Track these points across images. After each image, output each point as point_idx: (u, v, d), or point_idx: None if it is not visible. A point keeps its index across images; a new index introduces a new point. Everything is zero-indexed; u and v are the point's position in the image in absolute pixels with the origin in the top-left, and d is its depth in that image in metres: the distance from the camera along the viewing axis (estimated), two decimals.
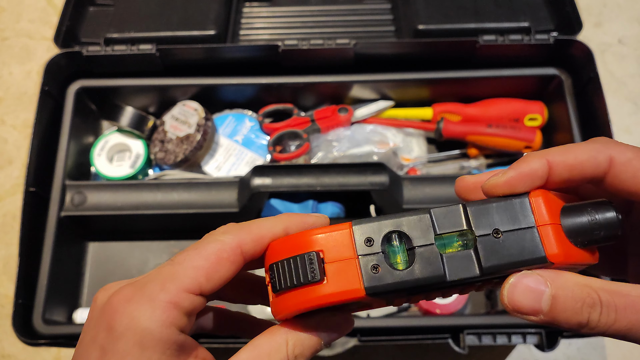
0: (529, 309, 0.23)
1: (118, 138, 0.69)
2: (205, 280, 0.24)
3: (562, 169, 0.25)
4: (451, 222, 0.24)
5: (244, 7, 0.75)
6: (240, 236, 0.25)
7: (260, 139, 0.71)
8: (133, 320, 0.23)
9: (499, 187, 0.25)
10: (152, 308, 0.23)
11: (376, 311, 0.62)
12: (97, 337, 0.23)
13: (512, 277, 0.23)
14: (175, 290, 0.23)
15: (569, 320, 0.23)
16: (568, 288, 0.23)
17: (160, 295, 0.23)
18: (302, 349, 0.25)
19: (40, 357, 0.68)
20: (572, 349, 0.67)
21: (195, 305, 0.24)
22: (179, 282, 0.24)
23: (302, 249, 0.24)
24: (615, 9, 0.89)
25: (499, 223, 0.24)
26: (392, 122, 0.70)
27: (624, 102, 0.82)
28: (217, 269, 0.24)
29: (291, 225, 0.26)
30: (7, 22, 0.88)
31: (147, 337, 0.23)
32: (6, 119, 0.81)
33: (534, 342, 0.55)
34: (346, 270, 0.23)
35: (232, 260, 0.25)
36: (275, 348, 0.24)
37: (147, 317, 0.23)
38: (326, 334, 0.26)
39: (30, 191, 0.59)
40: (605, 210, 0.24)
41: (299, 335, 0.25)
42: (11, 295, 0.56)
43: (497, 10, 0.68)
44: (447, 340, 0.55)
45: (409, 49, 0.66)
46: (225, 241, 0.25)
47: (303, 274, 0.23)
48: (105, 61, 0.66)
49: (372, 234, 0.24)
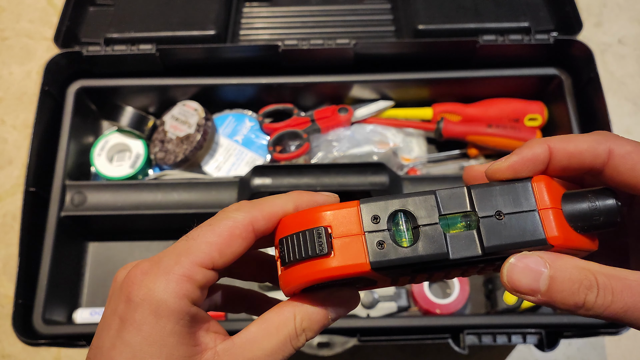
0: (527, 289, 0.24)
1: (118, 138, 0.69)
2: (218, 255, 0.25)
3: (562, 156, 0.25)
4: (455, 203, 0.25)
5: (244, 7, 0.75)
6: (253, 213, 0.26)
7: (260, 139, 0.71)
8: (149, 292, 0.24)
9: (502, 171, 0.25)
10: (167, 281, 0.24)
11: (376, 311, 0.62)
12: (117, 309, 0.25)
13: (512, 257, 0.24)
14: (189, 265, 0.25)
15: (566, 301, 0.23)
16: (566, 270, 0.23)
17: (175, 269, 0.24)
18: (310, 322, 0.26)
19: (40, 357, 0.68)
20: (572, 349, 0.67)
21: (208, 279, 0.25)
22: (193, 256, 0.25)
23: (311, 224, 0.25)
24: (615, 9, 0.89)
25: (501, 205, 0.24)
26: (392, 122, 0.70)
27: (624, 102, 0.82)
28: (229, 245, 0.25)
29: (301, 202, 0.27)
30: (7, 22, 0.88)
31: (162, 308, 0.24)
32: (6, 119, 0.81)
33: (534, 342, 0.55)
34: (353, 246, 0.24)
35: (244, 237, 0.26)
36: (284, 321, 0.25)
37: (162, 289, 0.24)
38: (333, 309, 0.26)
39: (30, 191, 0.59)
40: (605, 197, 0.25)
41: (307, 309, 0.26)
42: (11, 295, 0.56)
43: (497, 10, 0.68)
44: (447, 340, 0.55)
45: (409, 49, 0.66)
46: (238, 218, 0.26)
47: (311, 248, 0.24)
48: (105, 61, 0.66)
49: (379, 212, 0.25)
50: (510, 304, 0.60)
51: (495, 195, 0.25)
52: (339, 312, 0.27)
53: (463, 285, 0.62)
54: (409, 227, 0.25)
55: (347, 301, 0.27)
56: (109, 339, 0.24)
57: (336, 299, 0.27)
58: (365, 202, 0.25)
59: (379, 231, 0.24)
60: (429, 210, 0.25)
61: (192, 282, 0.25)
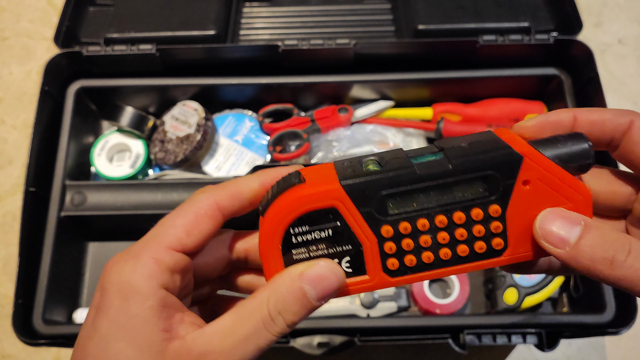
0: (557, 238, 0.24)
1: (118, 138, 0.69)
2: (185, 236, 0.26)
3: (585, 123, 0.26)
4: (425, 151, 0.27)
5: (244, 7, 0.75)
6: (217, 193, 0.27)
7: (260, 139, 0.71)
8: (118, 276, 0.25)
9: (526, 129, 0.27)
10: (134, 264, 0.25)
11: (376, 311, 0.62)
12: (94, 300, 0.25)
13: (548, 209, 0.25)
14: (157, 247, 0.25)
15: (594, 255, 0.23)
16: (601, 227, 0.24)
17: (143, 253, 0.25)
18: (285, 304, 0.25)
19: (40, 357, 0.68)
20: (572, 349, 0.67)
21: (177, 261, 0.26)
22: (161, 239, 0.26)
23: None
24: (615, 9, 0.89)
25: (467, 142, 0.26)
26: (392, 122, 0.70)
27: (624, 102, 0.82)
28: (196, 225, 0.26)
29: (266, 178, 0.28)
30: (7, 22, 0.88)
31: (129, 289, 0.24)
32: (6, 119, 0.81)
33: (534, 342, 0.55)
34: (324, 175, 0.26)
35: (210, 215, 0.26)
36: (257, 306, 0.25)
37: (129, 272, 0.25)
38: (311, 286, 0.25)
39: (30, 191, 0.59)
40: (577, 140, 0.26)
41: (280, 289, 0.25)
42: (11, 295, 0.56)
43: (497, 10, 0.68)
44: (447, 340, 0.55)
45: (409, 49, 0.66)
46: (201, 199, 0.27)
47: (285, 182, 0.26)
48: (105, 61, 0.66)
49: (351, 161, 0.27)
50: (510, 304, 0.60)
51: (460, 140, 0.26)
52: (319, 290, 0.25)
53: (463, 285, 0.62)
54: (379, 163, 0.26)
55: (325, 275, 0.25)
56: (86, 329, 0.25)
57: (313, 273, 0.25)
58: (339, 159, 0.27)
59: (350, 166, 0.26)
60: (397, 154, 0.27)
61: (160, 264, 0.25)
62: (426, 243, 0.26)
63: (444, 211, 0.26)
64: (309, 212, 0.25)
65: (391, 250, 0.26)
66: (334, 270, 0.26)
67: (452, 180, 0.25)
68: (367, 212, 0.25)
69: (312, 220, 0.26)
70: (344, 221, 0.26)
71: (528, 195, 0.26)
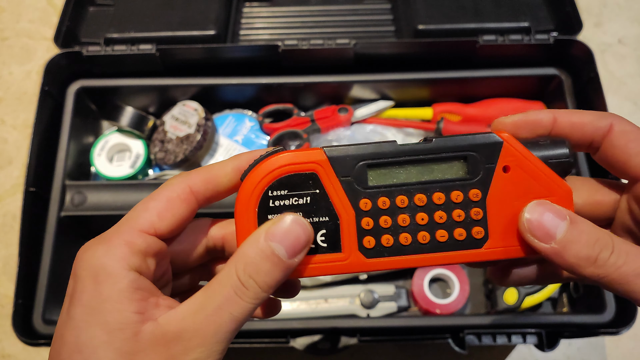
0: (543, 233, 0.24)
1: (118, 138, 0.69)
2: (157, 219, 0.26)
3: (565, 125, 0.26)
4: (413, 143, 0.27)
5: (244, 7, 0.75)
6: (189, 178, 0.27)
7: (260, 139, 0.71)
8: (89, 260, 0.25)
9: (505, 125, 0.27)
10: (106, 247, 0.25)
11: (376, 311, 0.62)
12: (68, 289, 0.25)
13: (534, 202, 0.25)
14: (129, 231, 0.25)
15: (579, 253, 0.24)
16: (586, 224, 0.24)
17: (114, 237, 0.25)
18: (255, 266, 0.24)
19: (40, 357, 0.68)
20: (572, 349, 0.67)
21: (149, 244, 0.25)
22: (132, 222, 0.25)
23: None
24: (615, 9, 0.89)
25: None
26: (392, 122, 0.70)
27: (624, 102, 0.82)
28: (168, 208, 0.26)
29: (241, 162, 0.27)
30: (7, 22, 0.88)
31: (101, 273, 0.24)
32: (6, 119, 0.81)
33: (534, 342, 0.55)
34: (310, 150, 0.26)
35: (183, 199, 0.26)
36: (226, 275, 0.24)
37: (101, 255, 0.24)
38: (278, 243, 0.24)
39: (30, 191, 0.59)
40: (558, 144, 0.26)
41: (247, 252, 0.24)
42: (11, 295, 0.56)
43: (497, 10, 0.68)
44: (447, 340, 0.55)
45: (409, 49, 0.66)
46: (174, 183, 0.27)
47: (267, 153, 0.26)
48: (105, 61, 0.66)
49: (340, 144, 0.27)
50: (510, 304, 0.60)
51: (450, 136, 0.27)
52: (288, 246, 0.24)
53: (463, 285, 0.62)
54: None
55: (291, 229, 0.24)
56: (62, 319, 0.24)
57: (278, 229, 0.24)
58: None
59: (337, 145, 0.27)
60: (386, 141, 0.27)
61: (131, 247, 0.25)
62: (404, 221, 0.26)
63: (424, 189, 0.26)
64: (288, 174, 0.26)
65: (368, 225, 0.26)
66: (301, 223, 0.25)
67: (432, 157, 0.26)
68: (347, 182, 0.26)
69: (291, 185, 0.26)
70: (323, 189, 0.26)
71: (508, 183, 0.26)
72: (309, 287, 0.64)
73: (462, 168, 0.26)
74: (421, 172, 0.26)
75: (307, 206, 0.26)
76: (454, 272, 0.63)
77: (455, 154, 0.26)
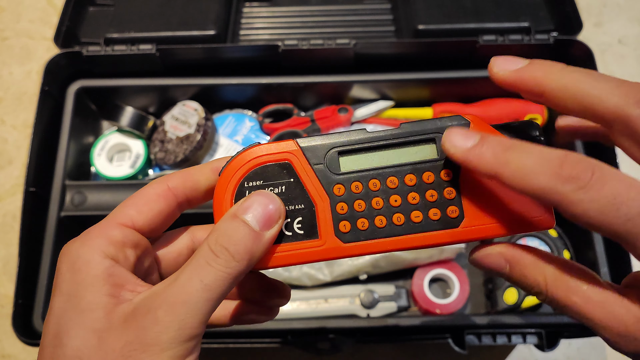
0: (461, 147, 0.24)
1: (118, 138, 0.69)
2: (136, 213, 0.27)
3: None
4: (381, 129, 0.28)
5: (244, 7, 0.75)
6: (168, 177, 0.29)
7: (260, 139, 0.71)
8: (68, 253, 0.26)
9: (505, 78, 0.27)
10: (83, 240, 0.26)
11: (376, 311, 0.62)
12: (53, 285, 0.26)
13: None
14: (107, 224, 0.26)
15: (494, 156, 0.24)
16: (494, 136, 0.25)
17: (92, 231, 0.26)
18: (227, 236, 0.24)
19: None
20: (572, 349, 0.67)
21: (126, 235, 0.26)
22: (111, 217, 0.27)
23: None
24: (615, 9, 0.89)
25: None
26: (392, 122, 0.70)
27: None
28: (146, 203, 0.27)
29: (220, 163, 0.28)
30: (7, 22, 0.88)
31: (77, 261, 0.25)
32: (6, 119, 0.81)
33: (534, 342, 0.55)
34: (283, 141, 0.27)
35: (161, 195, 0.28)
36: (200, 249, 0.25)
37: (78, 246, 0.26)
38: (249, 215, 0.25)
39: (30, 191, 0.59)
40: (529, 126, 0.27)
41: (220, 228, 0.25)
42: (11, 295, 0.56)
43: (497, 10, 0.68)
44: (447, 340, 0.55)
45: (409, 49, 0.66)
46: (153, 182, 0.28)
47: (242, 149, 0.27)
48: (105, 61, 0.66)
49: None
50: (510, 304, 0.60)
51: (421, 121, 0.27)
52: (259, 216, 0.25)
53: (463, 285, 0.62)
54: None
55: (261, 200, 0.25)
56: (48, 316, 0.25)
57: (248, 203, 0.25)
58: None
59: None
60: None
61: (107, 237, 0.26)
62: (378, 204, 0.26)
63: (395, 172, 0.27)
64: (263, 165, 0.27)
65: (343, 210, 0.26)
66: (269, 196, 0.26)
67: (402, 141, 0.26)
68: (320, 169, 0.27)
69: (266, 175, 0.27)
70: (297, 177, 0.27)
71: None
72: (309, 287, 0.64)
73: (432, 150, 0.27)
74: (392, 156, 0.27)
75: (283, 195, 0.27)
76: (454, 272, 0.63)
77: (424, 137, 0.27)
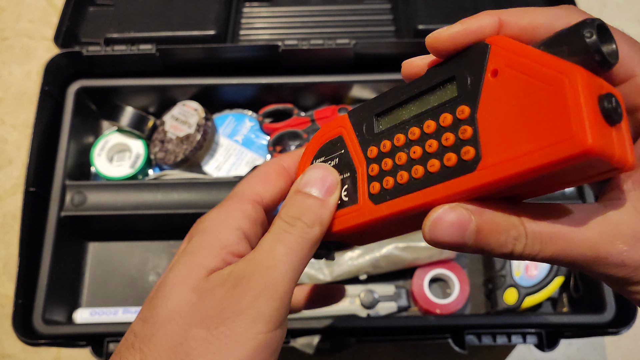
0: (454, 243, 0.22)
1: (118, 138, 0.69)
2: (262, 189, 0.30)
3: (513, 31, 0.23)
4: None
5: (244, 7, 0.75)
6: (280, 157, 0.32)
7: (260, 139, 0.71)
8: (202, 222, 0.29)
9: (441, 41, 0.24)
10: (219, 210, 0.29)
11: (376, 311, 0.62)
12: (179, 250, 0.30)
13: (434, 212, 0.22)
14: (241, 199, 0.29)
15: (494, 252, 0.23)
16: (493, 221, 0.22)
17: (227, 203, 0.29)
18: (297, 208, 0.27)
19: (40, 357, 0.68)
20: (572, 349, 0.67)
21: (258, 212, 0.29)
22: (242, 193, 0.30)
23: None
24: (615, 9, 0.89)
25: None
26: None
27: None
28: (267, 180, 0.30)
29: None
30: (7, 22, 0.88)
31: (208, 227, 0.28)
32: (6, 119, 0.81)
33: (534, 342, 0.55)
34: (339, 117, 0.29)
35: (279, 173, 0.31)
36: (273, 225, 0.27)
37: (214, 216, 0.28)
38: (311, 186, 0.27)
39: (30, 191, 0.59)
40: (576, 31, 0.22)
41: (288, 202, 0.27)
42: (11, 295, 0.56)
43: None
44: (447, 340, 0.55)
45: (409, 49, 0.66)
46: (267, 162, 0.32)
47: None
48: (105, 61, 0.66)
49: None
50: (510, 304, 0.60)
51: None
52: (320, 186, 0.27)
53: (463, 285, 0.62)
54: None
55: (319, 172, 0.28)
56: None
57: (307, 176, 0.28)
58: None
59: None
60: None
61: (243, 212, 0.28)
62: (400, 159, 0.25)
63: (417, 122, 0.25)
64: (325, 143, 0.29)
65: (373, 171, 0.26)
66: (323, 166, 0.28)
67: (426, 87, 0.25)
68: (361, 134, 0.27)
69: (327, 151, 0.29)
70: (345, 147, 0.28)
71: (498, 89, 0.22)
72: None
73: (452, 89, 0.23)
74: (418, 106, 0.25)
75: (337, 167, 0.28)
76: (454, 272, 0.63)
77: (445, 77, 0.24)
